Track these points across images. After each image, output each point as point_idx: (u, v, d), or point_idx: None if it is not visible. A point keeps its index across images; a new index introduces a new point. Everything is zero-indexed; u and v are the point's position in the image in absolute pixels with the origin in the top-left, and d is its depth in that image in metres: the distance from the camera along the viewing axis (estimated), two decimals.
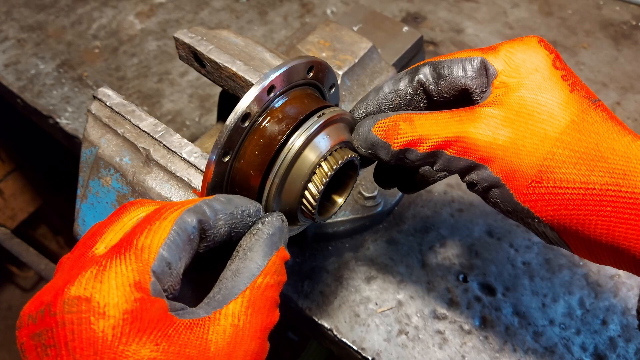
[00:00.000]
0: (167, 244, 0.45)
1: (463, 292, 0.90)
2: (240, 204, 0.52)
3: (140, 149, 0.68)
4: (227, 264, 0.50)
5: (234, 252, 0.51)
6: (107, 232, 0.48)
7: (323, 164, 0.58)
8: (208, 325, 0.44)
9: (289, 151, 0.57)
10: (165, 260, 0.45)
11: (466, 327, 0.87)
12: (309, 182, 0.58)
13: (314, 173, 0.58)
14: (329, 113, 0.60)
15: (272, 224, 0.53)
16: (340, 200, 0.67)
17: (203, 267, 0.55)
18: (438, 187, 1.02)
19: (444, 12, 1.35)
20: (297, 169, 0.58)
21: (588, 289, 0.90)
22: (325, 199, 0.67)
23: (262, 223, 0.53)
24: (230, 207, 0.51)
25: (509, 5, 1.36)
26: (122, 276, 0.42)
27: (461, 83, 0.58)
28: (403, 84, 0.62)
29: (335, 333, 0.87)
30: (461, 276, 0.92)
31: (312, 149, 0.58)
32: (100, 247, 0.46)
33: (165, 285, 0.45)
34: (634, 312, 0.87)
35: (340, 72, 0.89)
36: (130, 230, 0.47)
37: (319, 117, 0.59)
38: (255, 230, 0.52)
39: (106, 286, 0.42)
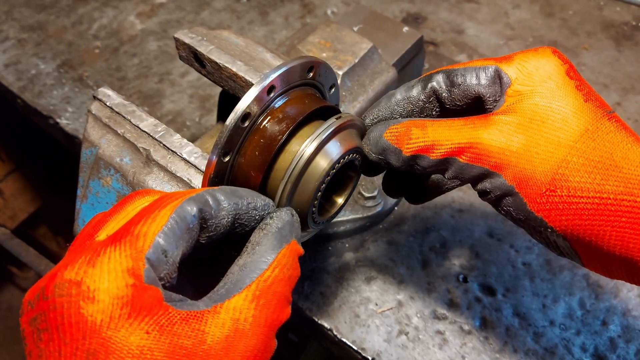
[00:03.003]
0: (163, 232, 0.44)
1: (463, 292, 0.90)
2: (246, 196, 0.51)
3: (141, 149, 0.68)
4: (235, 260, 0.50)
5: (244, 249, 0.50)
6: (109, 220, 0.48)
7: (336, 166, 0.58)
8: (206, 317, 0.44)
9: (300, 157, 0.57)
10: (161, 248, 0.44)
11: (466, 327, 0.87)
12: (322, 184, 0.58)
13: (329, 175, 0.58)
14: (342, 118, 0.59)
15: (281, 218, 0.52)
16: (340, 200, 0.67)
17: (210, 267, 0.55)
18: None
19: (445, 12, 1.35)
20: (309, 175, 0.58)
21: (588, 290, 0.90)
22: (326, 199, 0.66)
23: (271, 218, 0.52)
24: (234, 197, 0.50)
25: (510, 6, 1.36)
26: (114, 262, 0.42)
27: (475, 91, 0.58)
28: (416, 91, 0.62)
29: (336, 333, 0.87)
30: (461, 277, 0.92)
31: (324, 155, 0.58)
32: (102, 235, 0.46)
33: (161, 273, 0.44)
34: (634, 313, 0.87)
35: (341, 73, 0.89)
36: (130, 218, 0.47)
37: (337, 119, 0.58)
38: (263, 225, 0.52)
39: (97, 271, 0.42)
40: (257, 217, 0.52)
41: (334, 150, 0.58)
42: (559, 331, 0.86)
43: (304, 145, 0.57)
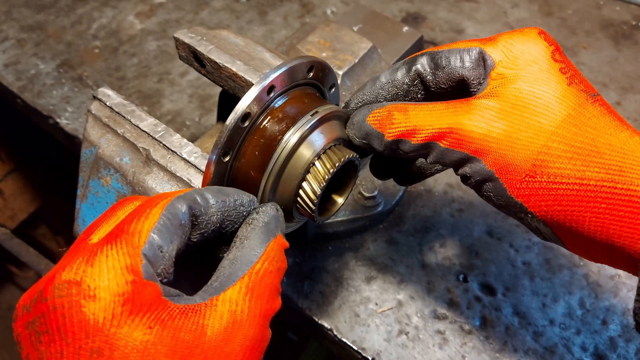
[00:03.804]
0: (157, 228, 0.45)
1: (463, 292, 0.90)
2: (232, 193, 0.52)
3: (140, 149, 0.68)
4: (225, 255, 0.51)
5: (232, 244, 0.51)
6: (101, 225, 0.48)
7: (317, 162, 0.59)
8: (204, 310, 0.44)
9: (283, 149, 0.58)
10: (157, 244, 0.45)
11: (466, 327, 0.87)
12: (303, 180, 0.59)
13: (308, 171, 0.59)
14: (322, 111, 0.60)
15: (267, 213, 0.53)
16: (340, 200, 0.67)
17: (204, 269, 0.55)
18: (438, 187, 1.02)
19: (444, 12, 1.35)
20: (292, 166, 0.58)
21: (588, 289, 0.90)
22: (325, 199, 0.67)
23: (257, 213, 0.53)
24: (221, 195, 0.51)
25: (509, 6, 1.36)
26: (112, 260, 0.42)
27: (459, 74, 0.58)
28: (400, 74, 0.61)
29: (335, 333, 0.87)
30: (461, 276, 0.92)
31: (307, 146, 0.58)
32: (95, 238, 0.46)
33: (158, 268, 0.45)
34: None
35: (341, 72, 0.89)
36: (122, 219, 0.47)
37: (312, 115, 0.59)
38: (250, 220, 0.52)
39: (97, 269, 0.42)
40: (244, 214, 0.53)
41: (318, 140, 0.59)
42: (559, 330, 0.86)
43: (287, 136, 0.58)
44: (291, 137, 0.58)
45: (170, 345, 0.42)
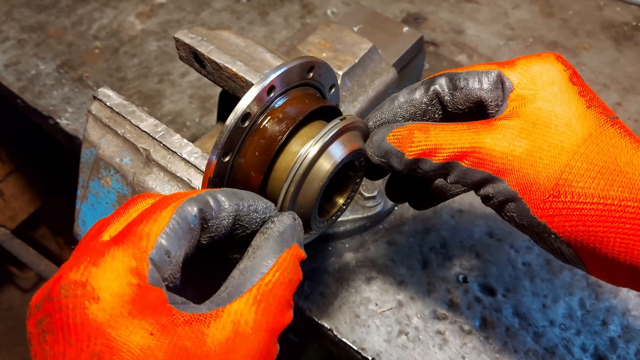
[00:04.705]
0: (166, 232, 0.44)
1: (463, 293, 0.90)
2: (248, 198, 0.51)
3: (141, 149, 0.68)
4: (237, 264, 0.50)
5: (245, 253, 0.50)
6: (112, 223, 0.48)
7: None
8: (208, 320, 0.44)
9: (304, 159, 0.56)
10: (164, 249, 0.44)
11: (466, 327, 0.87)
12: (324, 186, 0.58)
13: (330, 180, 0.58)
14: (346, 120, 0.59)
15: (283, 222, 0.52)
16: (341, 201, 0.66)
17: (213, 269, 0.55)
18: None
19: (445, 12, 1.35)
20: (312, 177, 0.58)
21: (588, 289, 0.90)
22: (326, 200, 0.66)
23: (272, 222, 0.52)
24: (235, 199, 0.50)
25: (510, 6, 1.36)
26: (118, 262, 0.42)
27: (477, 95, 0.58)
28: (418, 94, 0.61)
29: (336, 333, 0.87)
30: (461, 277, 0.92)
31: (327, 157, 0.58)
32: (105, 237, 0.46)
33: (164, 274, 0.44)
34: (634, 313, 0.87)
35: (341, 73, 0.89)
36: (133, 219, 0.47)
37: (340, 120, 0.58)
38: (265, 230, 0.51)
39: (101, 270, 0.42)
40: (258, 220, 0.52)
41: (337, 152, 0.58)
42: (559, 331, 0.86)
43: (307, 147, 0.57)
44: (312, 148, 0.57)
45: (169, 352, 0.41)
